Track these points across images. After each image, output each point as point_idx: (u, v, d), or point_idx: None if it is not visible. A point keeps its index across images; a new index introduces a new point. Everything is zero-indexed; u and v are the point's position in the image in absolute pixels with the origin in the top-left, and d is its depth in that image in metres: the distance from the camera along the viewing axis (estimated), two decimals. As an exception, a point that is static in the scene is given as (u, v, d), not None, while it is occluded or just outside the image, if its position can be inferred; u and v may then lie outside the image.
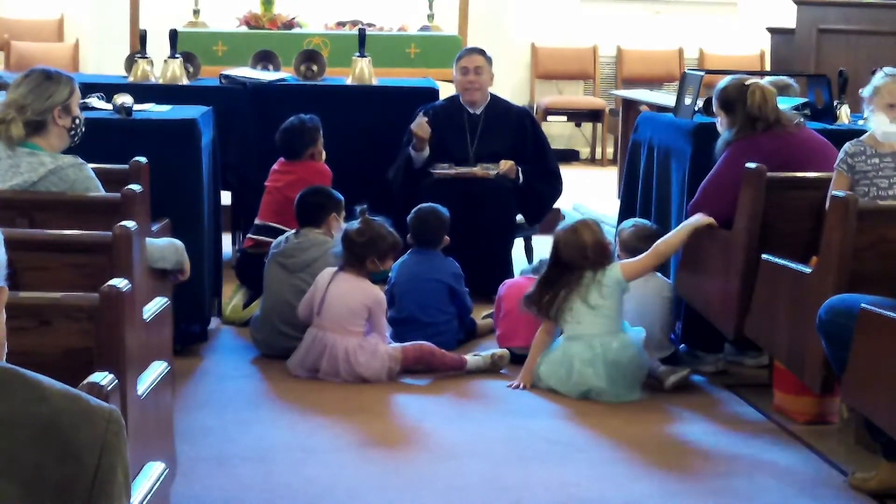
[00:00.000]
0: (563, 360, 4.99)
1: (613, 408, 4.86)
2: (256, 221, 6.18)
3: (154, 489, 3.02)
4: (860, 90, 4.87)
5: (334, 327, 5.14)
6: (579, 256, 5.03)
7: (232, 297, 6.02)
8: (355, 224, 5.25)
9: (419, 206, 5.80)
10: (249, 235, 6.19)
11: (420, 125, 6.43)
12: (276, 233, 5.87)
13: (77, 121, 4.29)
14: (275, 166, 6.28)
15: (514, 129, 6.66)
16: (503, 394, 5.06)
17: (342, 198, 5.74)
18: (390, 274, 5.60)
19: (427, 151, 6.47)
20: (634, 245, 5.33)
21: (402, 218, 5.74)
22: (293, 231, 5.58)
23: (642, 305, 5.23)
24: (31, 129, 4.20)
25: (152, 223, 4.67)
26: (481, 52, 6.73)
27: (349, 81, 7.12)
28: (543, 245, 6.83)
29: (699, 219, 5.01)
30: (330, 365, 5.10)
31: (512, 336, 5.40)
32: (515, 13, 11.04)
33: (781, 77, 6.39)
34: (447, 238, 5.72)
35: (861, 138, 4.76)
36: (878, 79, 4.76)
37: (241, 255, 6.30)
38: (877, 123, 4.71)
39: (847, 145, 4.73)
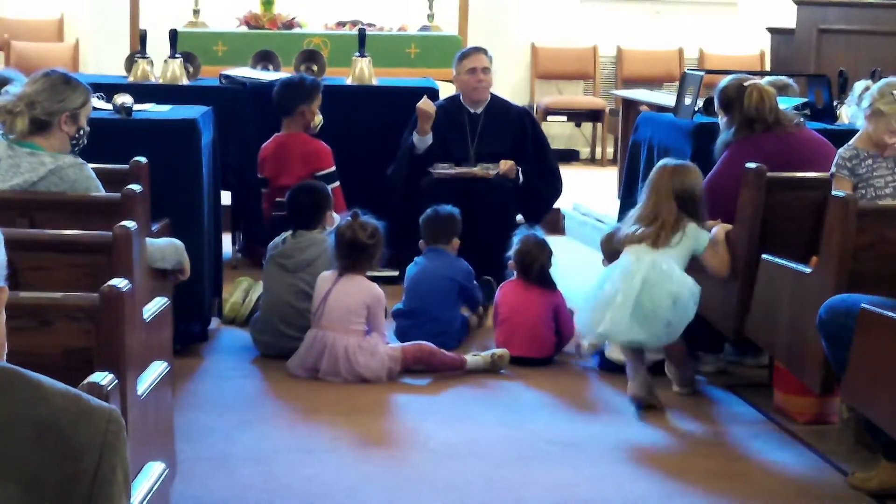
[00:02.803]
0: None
1: (614, 408, 4.86)
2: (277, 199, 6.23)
3: (154, 489, 3.01)
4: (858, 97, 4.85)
5: (334, 326, 5.14)
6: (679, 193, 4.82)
7: (231, 293, 6.01)
8: (351, 226, 5.22)
9: (433, 207, 5.82)
10: (275, 213, 6.22)
11: (426, 101, 6.44)
12: None
13: (81, 132, 4.30)
14: (264, 153, 6.33)
15: (514, 128, 6.66)
16: (503, 394, 5.06)
17: (337, 185, 5.77)
18: (378, 273, 5.62)
19: (430, 137, 6.47)
20: (609, 248, 5.31)
21: (399, 217, 5.75)
22: (290, 232, 5.57)
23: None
24: (36, 127, 4.21)
25: (152, 223, 4.67)
26: (485, 50, 6.73)
27: (349, 81, 7.13)
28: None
29: (724, 227, 4.91)
30: (330, 364, 5.10)
31: (509, 343, 5.40)
32: (515, 13, 11.03)
33: (780, 77, 6.39)
34: (457, 241, 5.74)
35: (851, 143, 4.76)
36: (882, 101, 4.65)
37: (270, 221, 6.30)
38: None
39: (842, 150, 4.74)
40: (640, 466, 4.27)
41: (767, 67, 9.90)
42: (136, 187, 4.18)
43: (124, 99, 5.50)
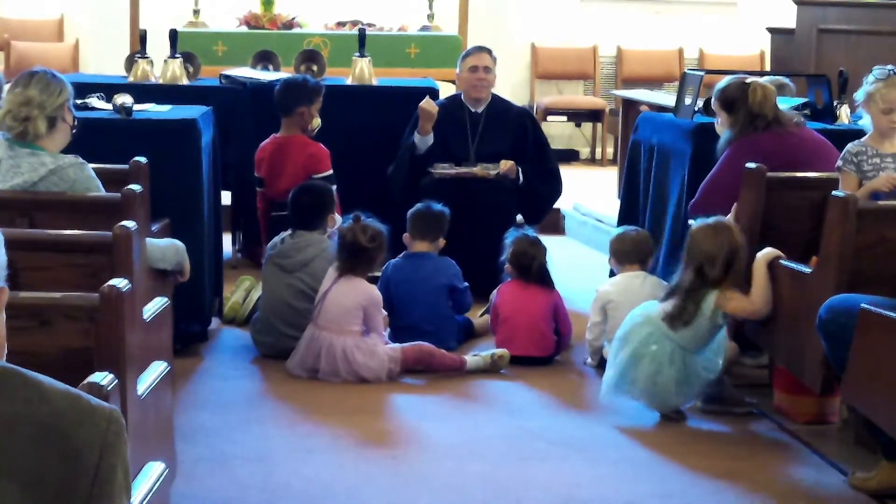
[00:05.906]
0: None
1: (614, 408, 4.85)
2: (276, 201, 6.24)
3: (154, 489, 3.02)
4: (854, 93, 4.90)
5: (331, 327, 5.14)
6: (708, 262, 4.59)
7: (232, 293, 6.00)
8: (352, 229, 5.22)
9: (425, 201, 5.80)
10: (274, 213, 6.22)
11: (428, 101, 6.45)
12: None
13: (75, 120, 4.35)
14: (261, 153, 6.34)
15: (515, 129, 6.67)
16: (503, 394, 5.06)
17: (334, 189, 5.77)
18: (379, 273, 5.60)
19: (432, 137, 6.47)
20: (620, 248, 5.31)
21: (399, 218, 5.74)
22: (289, 232, 5.57)
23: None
24: (49, 125, 4.24)
25: (152, 223, 4.68)
26: (489, 51, 6.73)
27: (349, 81, 7.13)
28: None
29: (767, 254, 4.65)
30: (329, 365, 5.10)
31: (510, 342, 5.39)
32: (515, 13, 11.04)
33: (777, 77, 6.39)
34: (443, 240, 5.71)
35: (862, 139, 4.78)
36: (870, 84, 4.74)
37: (266, 220, 6.32)
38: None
39: (850, 146, 4.76)
40: (640, 466, 4.27)
41: (767, 67, 9.90)
42: (136, 187, 4.18)
43: (124, 99, 5.50)
